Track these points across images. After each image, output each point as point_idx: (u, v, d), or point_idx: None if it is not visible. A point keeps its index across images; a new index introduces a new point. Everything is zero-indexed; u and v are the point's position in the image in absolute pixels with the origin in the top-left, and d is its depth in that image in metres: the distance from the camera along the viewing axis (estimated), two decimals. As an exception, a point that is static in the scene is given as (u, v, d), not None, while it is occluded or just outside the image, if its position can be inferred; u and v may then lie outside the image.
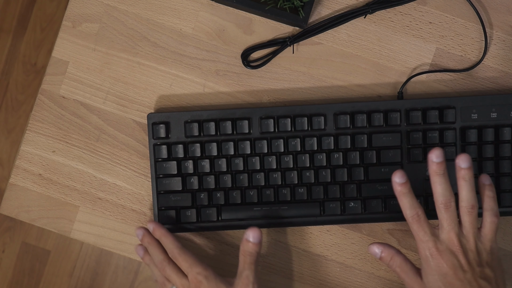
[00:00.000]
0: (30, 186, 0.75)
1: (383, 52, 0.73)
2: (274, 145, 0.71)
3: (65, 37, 0.74)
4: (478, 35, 0.73)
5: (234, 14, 0.74)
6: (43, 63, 1.54)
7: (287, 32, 0.74)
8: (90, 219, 0.74)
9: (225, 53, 0.74)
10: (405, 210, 0.62)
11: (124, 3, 0.74)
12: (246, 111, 0.71)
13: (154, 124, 0.71)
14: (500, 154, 0.70)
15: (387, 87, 0.73)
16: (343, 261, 0.73)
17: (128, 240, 0.74)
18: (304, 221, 0.71)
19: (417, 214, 0.62)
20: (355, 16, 0.72)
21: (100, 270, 1.50)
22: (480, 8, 0.73)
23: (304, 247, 0.74)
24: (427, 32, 0.73)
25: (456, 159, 0.61)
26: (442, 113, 0.70)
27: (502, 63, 0.73)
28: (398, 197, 0.63)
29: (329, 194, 0.71)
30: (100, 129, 0.74)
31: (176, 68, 0.74)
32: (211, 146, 0.71)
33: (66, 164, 0.74)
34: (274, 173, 0.71)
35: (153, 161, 0.71)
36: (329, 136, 0.70)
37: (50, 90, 0.75)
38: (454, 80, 0.73)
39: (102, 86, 0.74)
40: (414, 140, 0.70)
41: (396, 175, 0.62)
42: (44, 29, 1.54)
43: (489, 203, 0.62)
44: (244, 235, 0.66)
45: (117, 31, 0.74)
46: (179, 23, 0.74)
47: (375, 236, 0.73)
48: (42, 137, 0.74)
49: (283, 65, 0.74)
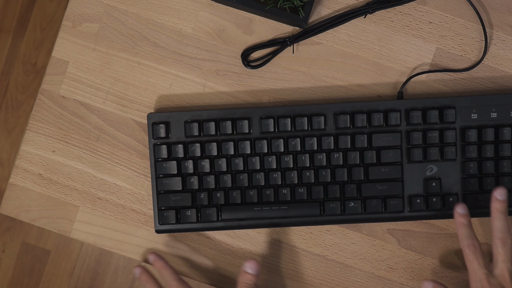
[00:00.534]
0: (30, 186, 0.75)
1: (383, 52, 0.73)
2: (274, 145, 0.71)
3: (65, 37, 0.74)
4: (478, 35, 0.73)
5: (234, 14, 0.74)
6: (43, 63, 1.54)
7: (287, 32, 0.74)
8: (90, 219, 0.74)
9: (225, 53, 0.74)
10: (462, 239, 0.64)
11: (124, 3, 0.74)
12: (246, 111, 0.71)
13: (154, 124, 0.71)
14: (500, 154, 0.70)
15: (387, 87, 0.73)
16: (343, 261, 0.73)
17: (128, 240, 0.74)
18: (304, 221, 0.71)
19: (473, 244, 0.63)
20: (355, 16, 0.72)
21: (100, 270, 1.50)
22: (480, 8, 0.73)
23: (304, 247, 0.74)
24: (427, 32, 0.73)
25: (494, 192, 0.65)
26: (442, 113, 0.70)
27: (502, 63, 0.73)
28: (458, 227, 0.65)
29: (329, 194, 0.71)
30: (100, 129, 0.74)
31: (176, 68, 0.74)
32: (211, 146, 0.71)
33: (66, 164, 0.74)
34: (274, 173, 0.71)
35: (153, 161, 0.71)
36: (329, 136, 0.70)
37: (50, 90, 0.75)
38: (454, 80, 0.73)
39: (102, 86, 0.74)
40: (414, 140, 0.70)
41: (459, 207, 0.65)
42: (44, 29, 1.54)
43: None
44: (242, 267, 0.67)
45: (117, 31, 0.74)
46: (179, 23, 0.74)
47: (375, 236, 0.73)
48: (42, 137, 0.74)
49: (283, 65, 0.74)
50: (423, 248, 0.73)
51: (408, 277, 0.73)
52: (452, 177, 0.71)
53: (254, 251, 0.74)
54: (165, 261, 0.70)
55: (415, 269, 0.73)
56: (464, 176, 0.71)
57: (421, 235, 0.73)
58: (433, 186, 0.70)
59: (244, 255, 0.74)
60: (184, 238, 0.74)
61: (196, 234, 0.74)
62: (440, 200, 0.70)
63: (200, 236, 0.74)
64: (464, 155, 0.70)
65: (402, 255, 0.73)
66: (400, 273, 0.73)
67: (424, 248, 0.73)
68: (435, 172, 0.71)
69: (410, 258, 0.73)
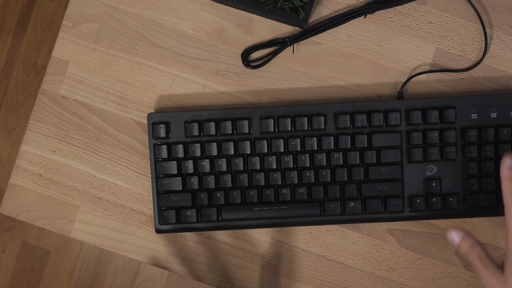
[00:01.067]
0: (30, 186, 0.75)
1: (383, 52, 0.73)
2: (274, 145, 0.71)
3: (65, 37, 0.74)
4: (478, 35, 0.73)
5: (234, 14, 0.74)
6: (43, 63, 1.54)
7: (287, 32, 0.74)
8: (90, 219, 0.74)
9: (225, 53, 0.74)
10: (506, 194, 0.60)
11: (124, 3, 0.74)
12: (246, 111, 0.71)
13: (154, 124, 0.71)
14: (500, 154, 0.70)
15: (387, 87, 0.73)
16: (343, 261, 0.73)
17: (128, 240, 0.74)
18: (304, 221, 0.71)
19: None
20: (355, 16, 0.72)
21: (100, 270, 1.50)
22: (480, 8, 0.73)
23: (304, 247, 0.74)
24: (427, 32, 0.73)
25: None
26: (442, 113, 0.70)
27: (502, 63, 0.73)
28: (503, 180, 0.61)
29: (329, 194, 0.71)
30: (100, 129, 0.74)
31: (176, 68, 0.74)
32: (211, 146, 0.71)
33: (66, 164, 0.74)
34: (274, 173, 0.71)
35: (153, 161, 0.71)
36: (329, 136, 0.70)
37: (50, 90, 0.75)
38: (454, 80, 0.73)
39: (102, 86, 0.74)
40: (414, 140, 0.70)
41: (508, 159, 0.61)
42: (44, 29, 1.54)
43: None
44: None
45: (117, 31, 0.74)
46: (179, 23, 0.74)
47: (375, 236, 0.73)
48: (42, 137, 0.74)
49: (283, 65, 0.74)
50: (423, 248, 0.73)
51: (408, 277, 0.73)
52: (452, 177, 0.71)
53: (254, 251, 0.74)
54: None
55: (415, 269, 0.73)
56: (464, 176, 0.71)
57: (421, 235, 0.73)
58: (433, 186, 0.70)
59: (244, 255, 0.74)
60: (184, 238, 0.74)
61: (196, 234, 0.74)
62: (440, 200, 0.70)
63: (200, 236, 0.74)
64: (464, 155, 0.70)
65: (402, 255, 0.73)
66: (400, 273, 0.73)
67: (424, 248, 0.73)
68: (435, 172, 0.71)
69: (410, 258, 0.73)
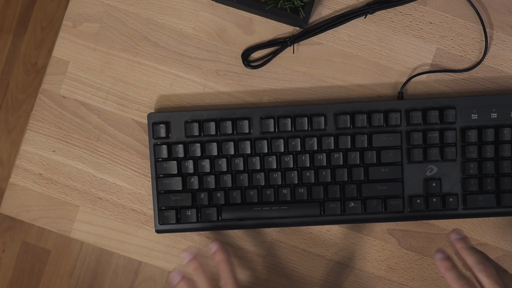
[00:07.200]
0: (30, 185, 0.75)
1: (383, 52, 0.73)
2: (274, 145, 0.71)
3: (65, 37, 0.74)
4: (478, 35, 0.73)
5: (234, 14, 0.74)
6: (43, 63, 1.54)
7: (288, 32, 0.74)
8: (90, 218, 0.74)
9: (225, 53, 0.74)
10: (453, 283, 0.59)
11: (124, 3, 0.74)
12: (246, 111, 0.71)
13: (154, 124, 0.71)
14: (500, 155, 0.70)
15: (387, 87, 0.73)
16: (343, 261, 0.73)
17: (128, 240, 0.74)
18: (304, 221, 0.71)
19: (467, 283, 0.58)
20: (355, 16, 0.72)
21: (100, 270, 1.50)
22: (480, 8, 0.73)
23: (304, 247, 0.74)
24: (428, 32, 0.73)
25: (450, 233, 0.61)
26: (442, 113, 0.70)
27: (502, 64, 0.73)
28: (444, 272, 0.60)
29: (329, 194, 0.71)
30: (100, 128, 0.74)
31: (177, 68, 0.74)
32: (211, 146, 0.71)
33: (66, 164, 0.74)
34: (274, 173, 0.71)
35: (153, 161, 0.71)
36: (329, 136, 0.70)
37: (50, 90, 0.75)
38: (454, 80, 0.73)
39: (103, 86, 0.74)
40: (414, 140, 0.70)
41: (438, 253, 0.60)
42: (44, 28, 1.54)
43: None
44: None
45: (118, 31, 0.74)
46: (179, 23, 0.74)
47: (375, 236, 0.73)
48: (43, 137, 0.75)
49: (283, 65, 0.74)
50: (423, 248, 0.73)
51: (408, 277, 0.73)
52: (452, 177, 0.71)
53: (254, 251, 0.74)
54: (228, 254, 0.64)
55: (415, 269, 0.73)
56: (464, 176, 0.71)
57: (421, 235, 0.73)
58: (433, 186, 0.70)
59: (244, 255, 0.74)
60: (184, 238, 0.74)
61: (196, 234, 0.74)
62: (440, 200, 0.70)
63: (200, 236, 0.74)
64: (464, 155, 0.70)
65: (402, 255, 0.73)
66: (400, 273, 0.73)
67: (424, 248, 0.73)
68: (435, 173, 0.71)
69: (410, 258, 0.73)
